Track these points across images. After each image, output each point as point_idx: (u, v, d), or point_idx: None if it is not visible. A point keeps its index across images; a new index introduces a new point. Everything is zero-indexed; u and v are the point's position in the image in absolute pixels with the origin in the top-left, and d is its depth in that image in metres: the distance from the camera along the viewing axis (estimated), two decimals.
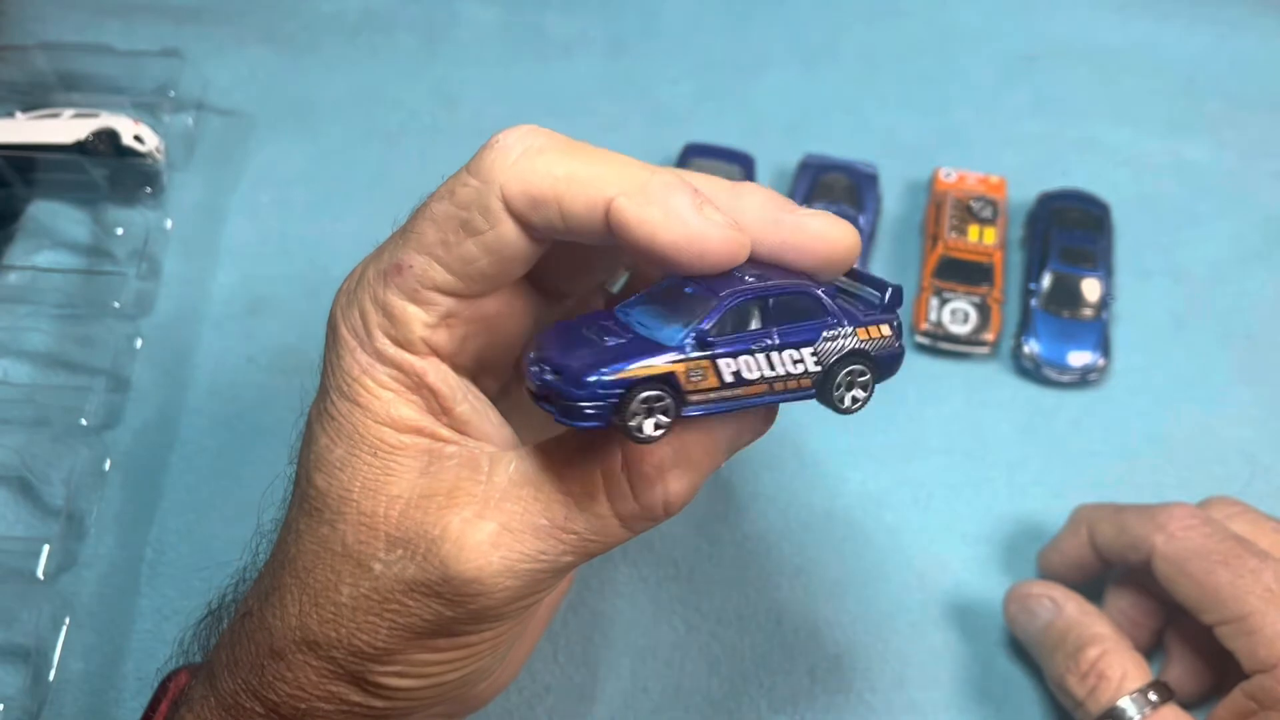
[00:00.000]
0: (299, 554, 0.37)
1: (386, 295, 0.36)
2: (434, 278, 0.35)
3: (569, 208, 0.34)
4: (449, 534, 0.35)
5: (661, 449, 0.35)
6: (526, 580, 0.35)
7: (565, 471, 0.35)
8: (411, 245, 0.36)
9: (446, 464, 0.36)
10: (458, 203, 0.35)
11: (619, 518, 0.36)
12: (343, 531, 0.36)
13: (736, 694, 0.53)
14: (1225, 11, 0.74)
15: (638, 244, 0.33)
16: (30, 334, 0.60)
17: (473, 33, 0.73)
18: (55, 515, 0.55)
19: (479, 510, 0.35)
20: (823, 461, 0.59)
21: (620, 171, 0.34)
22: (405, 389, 0.36)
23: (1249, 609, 0.45)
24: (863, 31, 0.74)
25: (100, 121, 0.63)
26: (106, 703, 0.52)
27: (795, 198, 0.65)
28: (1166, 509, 0.49)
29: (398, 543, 0.35)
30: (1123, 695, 0.47)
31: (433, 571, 0.35)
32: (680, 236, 0.33)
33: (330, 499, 0.36)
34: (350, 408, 0.36)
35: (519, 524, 0.35)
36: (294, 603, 0.37)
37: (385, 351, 0.36)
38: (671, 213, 0.33)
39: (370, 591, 0.36)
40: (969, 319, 0.61)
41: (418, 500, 0.35)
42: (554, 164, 0.34)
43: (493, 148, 0.35)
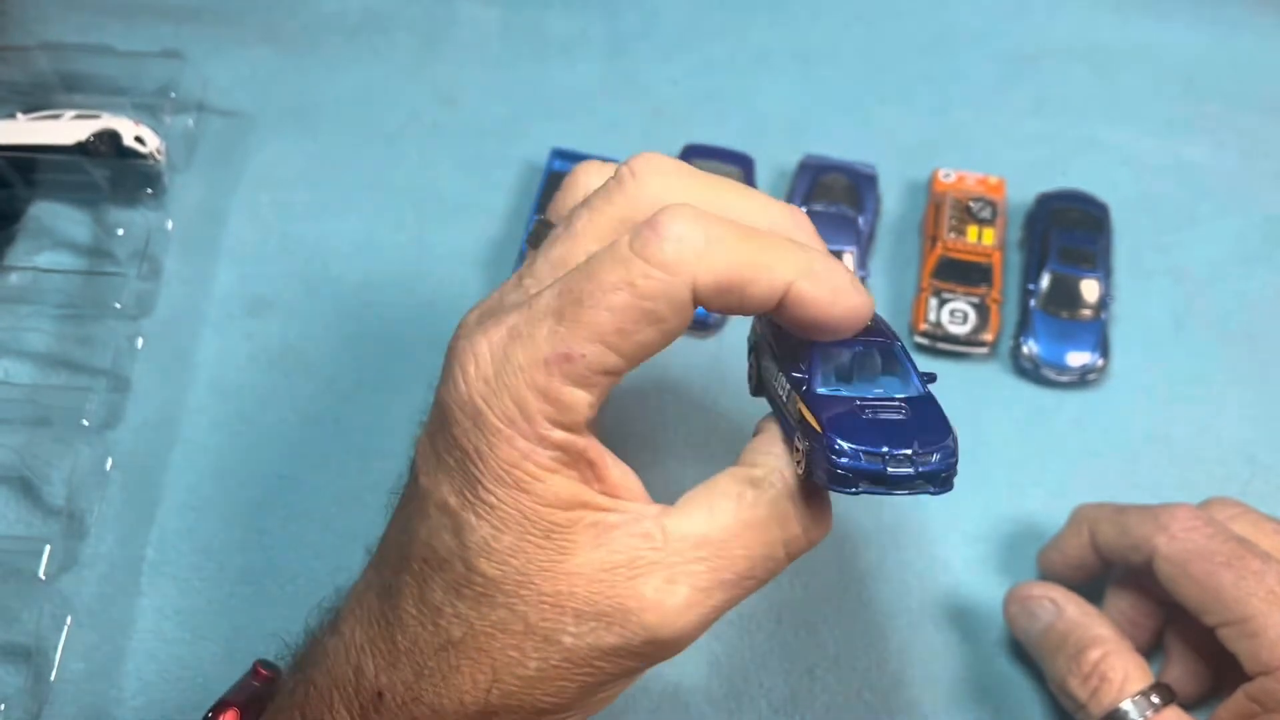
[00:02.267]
0: (469, 637, 0.37)
1: (551, 384, 0.36)
2: (607, 364, 0.36)
3: (751, 294, 0.36)
4: (647, 604, 0.37)
5: (820, 495, 0.39)
6: (712, 622, 0.39)
7: (743, 530, 0.38)
8: (582, 334, 0.36)
9: (615, 534, 0.37)
10: (641, 295, 0.35)
11: (790, 557, 0.39)
12: (523, 613, 0.37)
13: (736, 694, 0.53)
14: (1225, 11, 0.74)
15: (811, 320, 0.37)
16: (31, 334, 0.60)
17: (473, 33, 0.73)
18: (56, 515, 0.55)
19: (667, 577, 0.37)
20: None
21: (792, 256, 0.37)
22: (565, 467, 0.37)
23: (1252, 611, 0.45)
24: (863, 31, 0.74)
25: (101, 123, 0.63)
26: (107, 702, 0.52)
27: (795, 198, 0.65)
28: (1169, 510, 0.49)
29: (587, 616, 0.37)
30: (1125, 698, 0.47)
31: (635, 639, 0.37)
32: (847, 312, 0.38)
33: (505, 585, 0.37)
34: (513, 494, 0.36)
35: (707, 583, 0.38)
36: (469, 683, 0.37)
37: (551, 437, 0.36)
38: (840, 293, 0.37)
39: (561, 662, 0.37)
40: (968, 319, 0.61)
41: (600, 574, 0.37)
42: (734, 253, 0.36)
43: (671, 238, 0.35)
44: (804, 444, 0.38)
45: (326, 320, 0.62)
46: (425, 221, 0.66)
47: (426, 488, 0.38)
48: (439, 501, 0.38)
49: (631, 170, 0.39)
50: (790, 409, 0.39)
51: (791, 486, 0.39)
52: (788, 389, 0.39)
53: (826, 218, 0.64)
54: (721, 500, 0.38)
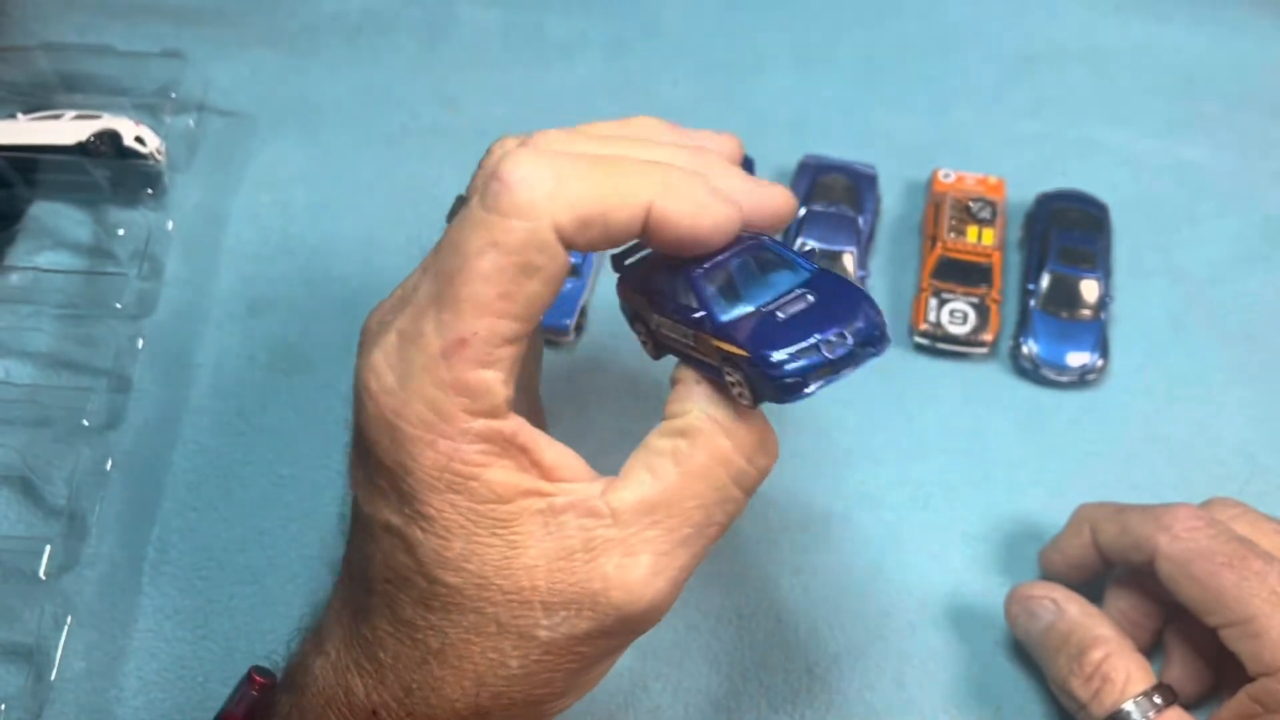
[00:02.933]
0: (446, 646, 0.37)
1: (456, 374, 0.34)
2: (502, 333, 0.35)
3: (614, 221, 0.35)
4: (611, 582, 0.36)
5: (753, 423, 0.38)
6: (685, 580, 0.38)
7: (688, 481, 0.37)
8: (465, 313, 0.34)
9: (564, 519, 0.36)
10: (508, 249, 0.34)
11: (744, 491, 0.38)
12: (493, 614, 0.36)
13: (736, 694, 0.53)
14: (1224, 12, 0.74)
15: (677, 241, 0.36)
16: (32, 334, 0.60)
17: (473, 34, 0.73)
18: (57, 515, 0.55)
19: (625, 550, 0.36)
20: (823, 461, 0.59)
21: (645, 176, 0.35)
22: (496, 457, 0.36)
23: (1254, 611, 0.45)
24: (862, 32, 0.74)
25: (102, 123, 0.63)
26: (108, 702, 0.52)
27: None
28: (1170, 510, 0.49)
29: (556, 606, 0.36)
30: (1127, 698, 0.46)
31: (608, 619, 0.36)
32: (714, 223, 0.36)
33: (467, 590, 0.36)
34: (450, 499, 0.35)
35: (666, 544, 0.37)
36: (457, 691, 0.37)
37: (471, 429, 0.35)
38: (701, 205, 0.36)
39: (543, 655, 0.37)
40: (967, 319, 0.61)
41: (557, 563, 0.36)
42: (587, 184, 0.35)
43: (521, 184, 0.34)
44: (736, 375, 0.37)
45: (327, 320, 0.62)
46: (425, 221, 0.66)
47: (369, 514, 0.38)
48: (383, 523, 0.37)
49: (520, 141, 0.38)
50: (704, 349, 0.38)
51: (723, 423, 0.37)
52: (689, 333, 0.38)
53: (826, 218, 0.64)
54: (658, 459, 0.37)
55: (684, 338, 0.39)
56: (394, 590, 0.37)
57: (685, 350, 0.39)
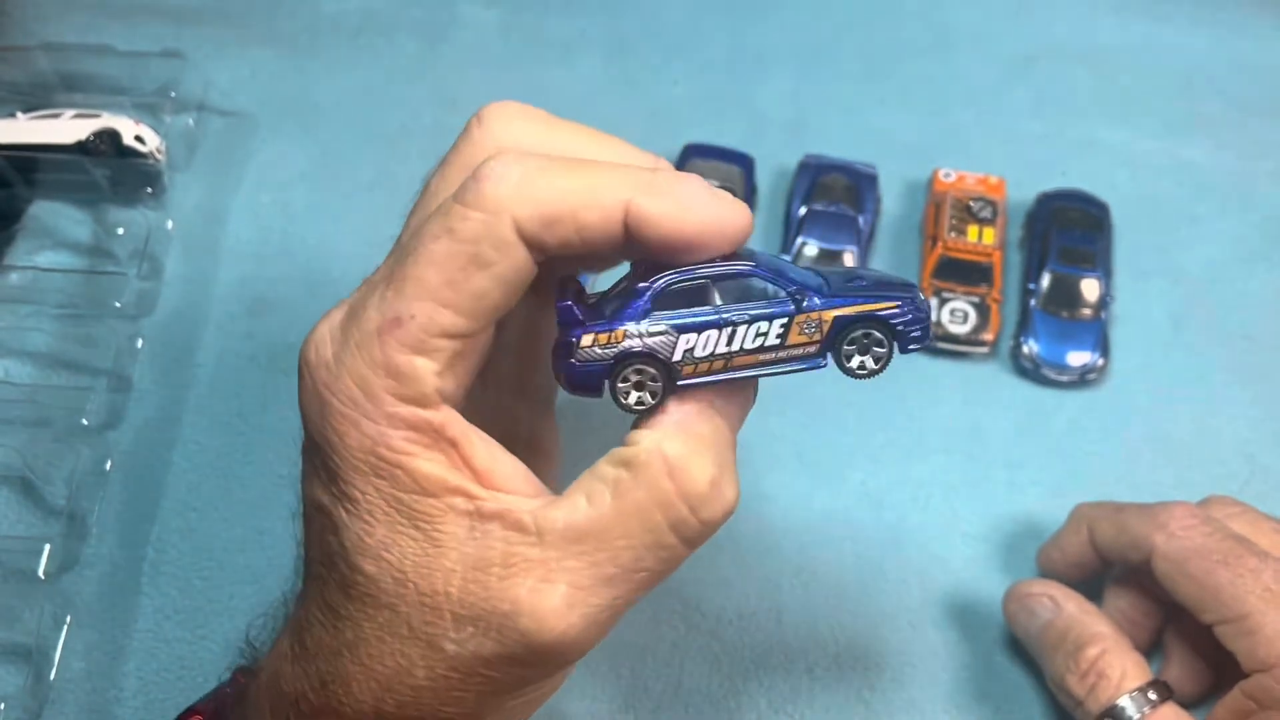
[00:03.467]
0: (360, 641, 0.35)
1: (387, 354, 0.33)
2: (441, 323, 0.33)
3: (585, 220, 0.33)
4: (521, 608, 0.34)
5: (702, 464, 0.34)
6: (606, 624, 0.35)
7: (620, 517, 0.34)
8: (408, 294, 0.33)
9: (489, 527, 0.34)
10: (462, 239, 0.33)
11: (685, 542, 0.35)
12: (405, 614, 0.34)
13: (736, 694, 0.53)
14: (1225, 12, 0.74)
15: (663, 240, 0.34)
16: (32, 334, 0.60)
17: (473, 34, 0.73)
18: (57, 515, 0.55)
19: (543, 575, 0.34)
20: (823, 461, 0.59)
21: (625, 174, 0.34)
22: (424, 448, 0.34)
23: (1248, 608, 0.45)
24: (862, 32, 0.74)
25: (101, 122, 0.63)
26: (108, 702, 0.52)
27: (795, 198, 0.65)
28: (1167, 508, 0.49)
29: (465, 620, 0.34)
30: (1122, 694, 0.47)
31: (514, 645, 0.34)
32: (702, 222, 0.34)
33: (385, 583, 0.34)
34: (374, 483, 0.34)
35: (588, 580, 0.34)
36: (364, 691, 0.35)
37: (396, 413, 0.34)
38: (691, 202, 0.34)
39: (448, 671, 0.35)
40: (968, 319, 0.61)
41: (472, 573, 0.34)
42: (559, 179, 0.33)
43: (490, 177, 0.33)
44: (869, 336, 0.35)
45: None
46: None
47: (305, 491, 0.37)
48: (315, 502, 0.36)
49: (479, 119, 0.37)
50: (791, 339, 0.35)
51: (671, 461, 0.34)
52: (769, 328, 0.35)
53: (827, 217, 0.64)
54: (598, 486, 0.34)
55: (739, 345, 0.35)
56: (324, 573, 0.36)
57: (721, 366, 0.35)
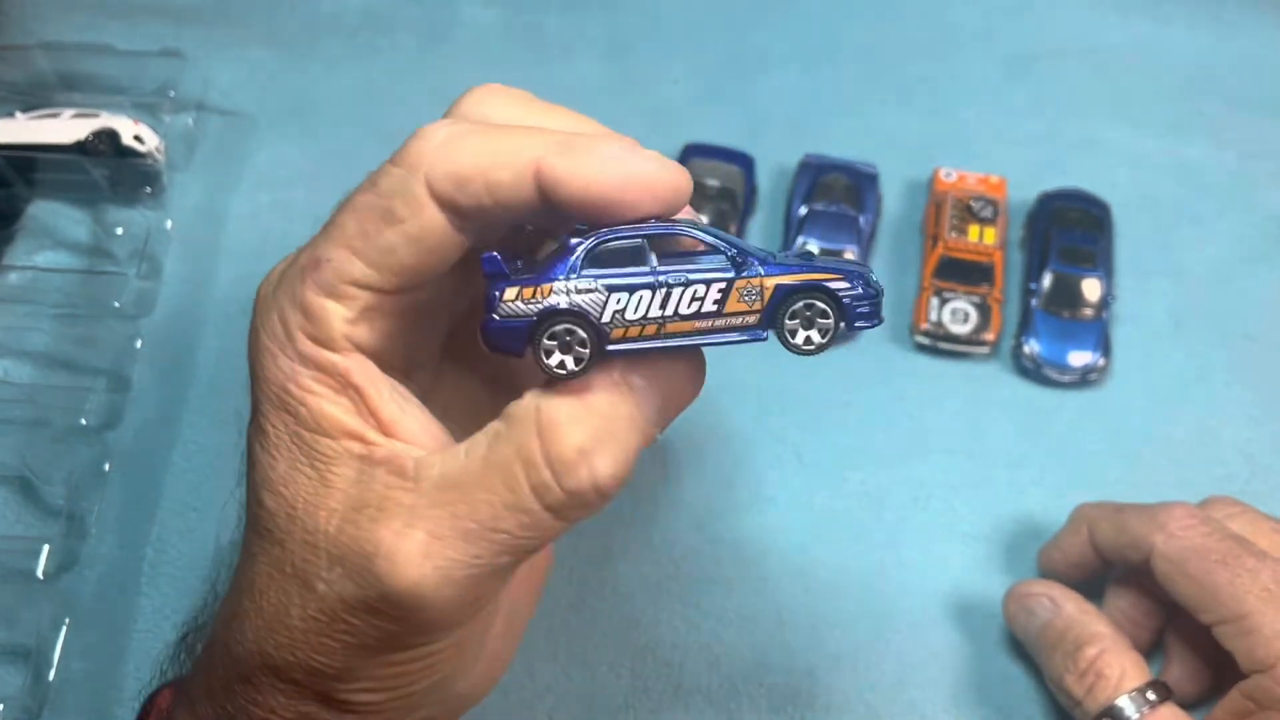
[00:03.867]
0: (255, 576, 0.36)
1: (304, 292, 0.34)
2: (352, 272, 0.34)
3: (495, 180, 0.33)
4: (381, 549, 0.33)
5: (576, 429, 0.33)
6: (465, 587, 0.34)
7: (485, 469, 0.33)
8: (331, 239, 0.34)
9: (376, 471, 0.34)
10: (379, 192, 0.34)
11: (549, 510, 0.33)
12: (291, 551, 0.35)
13: (737, 694, 0.53)
14: (1225, 12, 0.74)
15: (575, 198, 0.32)
16: (31, 334, 0.60)
17: (473, 33, 0.73)
18: (56, 515, 0.55)
19: (408, 520, 0.33)
20: (823, 461, 0.59)
21: (542, 135, 0.33)
22: (331, 390, 0.35)
23: (1247, 609, 0.45)
24: (863, 31, 0.74)
25: (100, 121, 0.63)
26: (107, 702, 0.52)
27: (795, 197, 0.65)
28: (1166, 508, 0.49)
29: (336, 560, 0.34)
30: (1121, 694, 0.47)
31: (370, 589, 0.33)
32: (620, 179, 0.32)
33: (279, 518, 0.35)
34: (282, 418, 0.35)
35: (447, 530, 0.33)
36: (251, 628, 0.36)
37: (306, 352, 0.34)
38: (605, 159, 0.32)
39: (317, 613, 0.34)
40: (969, 319, 0.61)
41: (351, 514, 0.34)
42: (477, 141, 0.33)
43: (418, 135, 0.34)
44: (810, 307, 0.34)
45: None
46: None
47: (247, 430, 0.38)
48: (247, 439, 0.37)
49: (461, 98, 0.38)
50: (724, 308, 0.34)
51: (542, 419, 0.33)
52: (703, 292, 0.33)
53: (827, 217, 0.64)
54: (479, 438, 0.34)
55: (673, 309, 0.33)
56: (246, 511, 0.37)
57: (654, 332, 0.33)
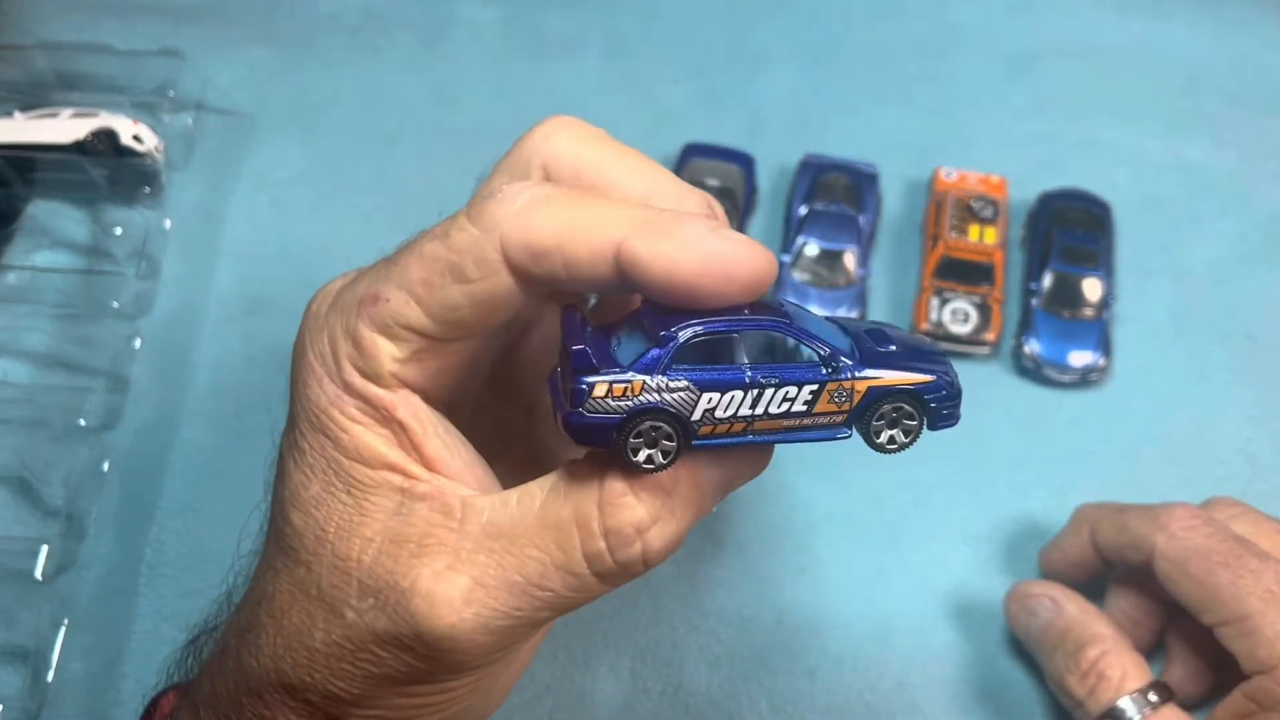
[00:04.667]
0: (275, 592, 0.36)
1: (357, 325, 0.34)
2: (409, 317, 0.34)
3: (572, 256, 0.32)
4: (419, 588, 0.33)
5: (638, 507, 0.33)
6: (501, 635, 0.34)
7: (540, 527, 0.34)
8: (393, 279, 0.34)
9: (418, 506, 0.34)
10: (451, 246, 0.33)
11: (596, 576, 0.34)
12: (318, 574, 0.35)
13: (737, 694, 0.53)
14: (1225, 11, 0.74)
15: (656, 281, 0.32)
16: (29, 334, 0.60)
17: (472, 33, 0.73)
18: (54, 516, 0.55)
19: (450, 562, 0.33)
20: (823, 461, 0.59)
21: (626, 211, 0.32)
22: (374, 422, 0.35)
23: (1249, 610, 0.45)
24: (863, 31, 0.74)
25: (99, 121, 0.63)
26: (106, 703, 0.52)
27: (796, 197, 0.65)
28: (1168, 509, 0.49)
29: (369, 590, 0.34)
30: (1123, 695, 0.47)
31: (403, 626, 0.33)
32: (701, 262, 0.31)
33: (306, 538, 0.35)
34: (320, 440, 0.35)
35: (492, 579, 0.33)
36: (269, 644, 0.36)
37: (352, 382, 0.34)
38: (687, 241, 0.31)
39: (343, 639, 0.34)
40: (969, 319, 0.61)
41: (388, 545, 0.34)
42: (557, 210, 0.33)
43: (495, 196, 0.33)
44: (895, 411, 0.35)
45: None
46: (425, 221, 0.64)
47: (282, 438, 0.38)
48: (280, 450, 0.37)
49: (533, 129, 0.38)
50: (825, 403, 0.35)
51: (605, 489, 0.33)
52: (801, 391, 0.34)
53: (827, 217, 0.64)
54: (534, 489, 0.34)
55: (763, 409, 0.34)
56: (270, 525, 0.37)
57: (742, 430, 0.34)
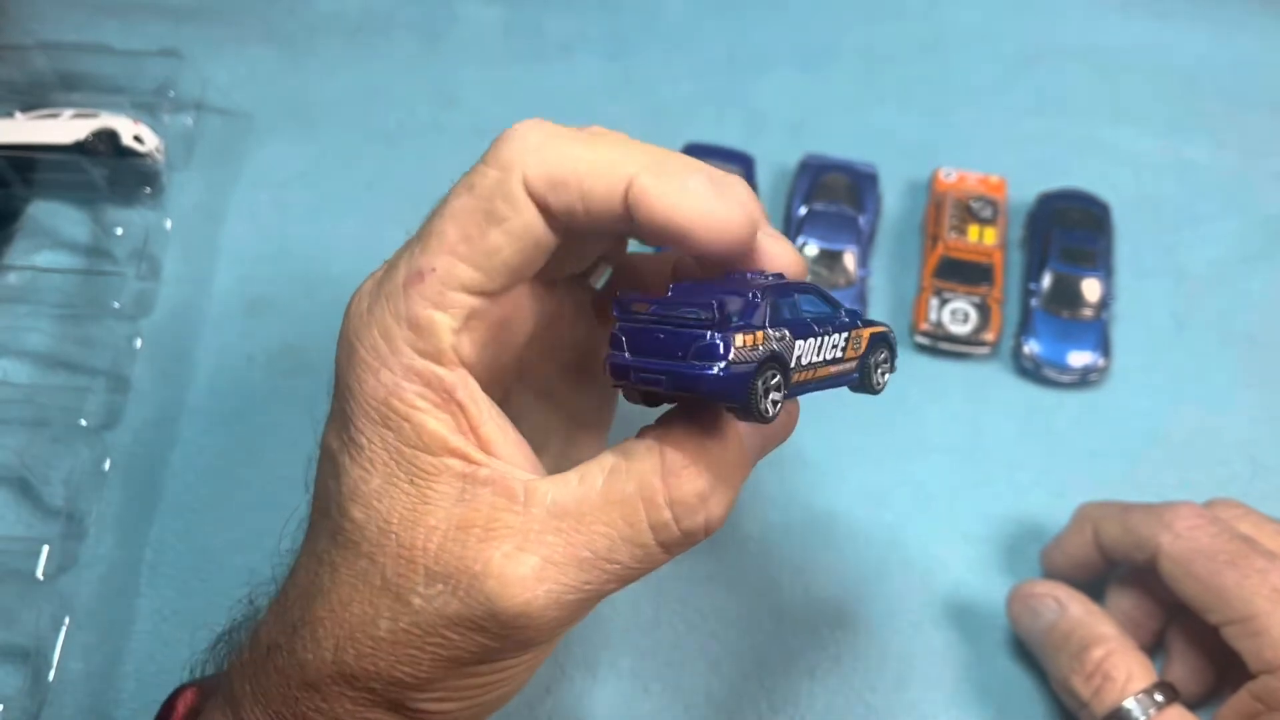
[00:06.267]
0: (334, 587, 0.36)
1: (410, 306, 0.35)
2: (459, 276, 0.35)
3: (590, 189, 0.34)
4: (491, 570, 0.34)
5: (700, 476, 0.35)
6: (571, 609, 0.36)
7: (605, 504, 0.35)
8: (431, 248, 0.35)
9: (481, 491, 0.35)
10: (479, 194, 0.34)
11: (661, 546, 0.36)
12: (382, 565, 0.35)
13: (736, 694, 0.53)
14: (1225, 11, 0.74)
15: (656, 221, 0.34)
16: (30, 334, 0.60)
17: (473, 32, 0.73)
18: (55, 516, 0.55)
19: (519, 543, 0.35)
20: (823, 461, 0.59)
21: (639, 152, 0.35)
22: (435, 406, 0.35)
23: (1256, 609, 0.45)
24: (863, 31, 0.74)
25: (100, 121, 0.63)
26: (106, 703, 0.51)
27: (795, 198, 0.65)
28: (1172, 508, 0.49)
29: (437, 576, 0.35)
30: (1128, 696, 0.47)
31: (477, 608, 0.35)
32: (698, 213, 0.34)
33: (369, 531, 0.35)
34: (380, 432, 0.35)
35: (561, 557, 0.35)
36: (328, 637, 0.36)
37: (413, 365, 0.35)
38: (690, 190, 0.34)
39: (411, 626, 0.35)
40: (969, 319, 0.61)
41: (454, 532, 0.35)
42: (575, 148, 0.34)
43: (510, 137, 0.35)
44: None
45: (326, 320, 0.61)
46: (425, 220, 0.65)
47: (323, 436, 0.38)
48: (325, 446, 0.37)
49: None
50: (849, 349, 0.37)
51: (668, 462, 0.35)
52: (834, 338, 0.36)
53: (827, 217, 0.64)
54: (594, 469, 0.36)
55: (823, 355, 0.36)
56: (318, 519, 0.37)
57: (810, 377, 0.36)
